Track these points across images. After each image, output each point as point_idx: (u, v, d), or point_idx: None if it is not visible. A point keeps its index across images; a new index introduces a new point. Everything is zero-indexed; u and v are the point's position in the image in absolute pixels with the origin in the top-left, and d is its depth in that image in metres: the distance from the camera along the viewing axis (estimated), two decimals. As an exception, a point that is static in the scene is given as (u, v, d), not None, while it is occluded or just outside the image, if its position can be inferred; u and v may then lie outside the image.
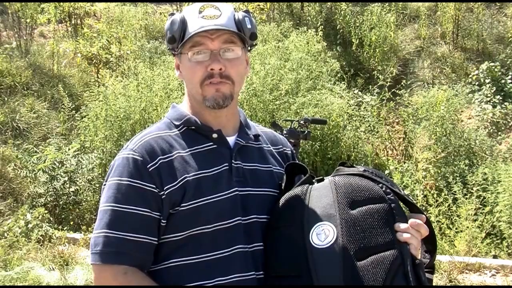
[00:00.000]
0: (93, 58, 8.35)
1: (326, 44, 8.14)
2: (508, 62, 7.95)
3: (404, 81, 7.52)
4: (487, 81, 7.56)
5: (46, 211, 5.75)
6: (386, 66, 8.24)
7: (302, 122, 4.44)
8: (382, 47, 8.33)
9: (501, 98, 7.40)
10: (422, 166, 5.90)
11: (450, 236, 5.00)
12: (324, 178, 1.35)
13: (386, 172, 6.02)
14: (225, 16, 1.37)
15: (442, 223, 5.01)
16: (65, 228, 5.76)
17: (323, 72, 7.02)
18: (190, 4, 1.50)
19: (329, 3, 9.58)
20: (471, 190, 5.14)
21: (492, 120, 7.18)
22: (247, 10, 1.44)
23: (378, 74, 7.46)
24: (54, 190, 6.16)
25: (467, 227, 4.86)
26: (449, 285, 4.37)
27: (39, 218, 5.54)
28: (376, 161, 6.64)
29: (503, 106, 7.31)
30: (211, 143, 1.40)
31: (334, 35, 9.04)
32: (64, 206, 6.18)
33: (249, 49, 1.45)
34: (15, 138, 7.18)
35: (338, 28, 8.93)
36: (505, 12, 9.08)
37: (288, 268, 1.27)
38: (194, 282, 1.30)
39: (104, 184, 1.36)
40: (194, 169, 1.34)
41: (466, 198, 5.07)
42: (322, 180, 1.35)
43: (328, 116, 6.17)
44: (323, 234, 1.24)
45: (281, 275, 1.29)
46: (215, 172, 1.36)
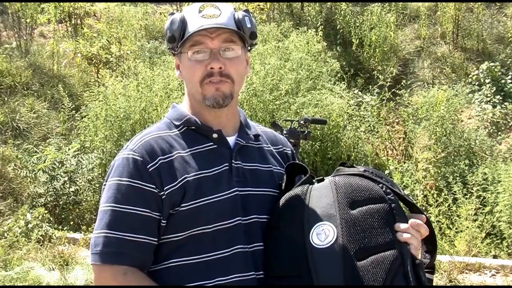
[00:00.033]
0: (93, 58, 8.35)
1: (326, 44, 8.14)
2: (508, 62, 7.95)
3: (404, 81, 7.52)
4: (487, 81, 7.56)
5: (46, 211, 5.75)
6: (386, 66, 8.24)
7: (302, 122, 4.44)
8: (382, 47, 8.33)
9: (501, 98, 7.40)
10: (422, 166, 5.89)
11: (450, 236, 5.00)
12: (324, 178, 1.35)
13: (386, 172, 6.02)
14: (225, 15, 1.37)
15: (442, 223, 5.01)
16: (65, 228, 5.76)
17: (323, 72, 7.02)
18: (190, 4, 1.50)
19: (329, 3, 9.58)
20: (471, 190, 5.14)
21: (492, 120, 7.18)
22: (247, 10, 1.44)
23: (378, 74, 7.46)
24: (54, 190, 6.16)
25: (467, 227, 4.86)
26: (449, 285, 4.37)
27: (39, 218, 5.54)
28: (376, 161, 6.63)
29: (503, 106, 7.31)
30: (211, 143, 1.40)
31: (334, 35, 9.04)
32: (64, 206, 6.18)
33: (249, 48, 1.45)
34: (15, 138, 7.17)
35: (338, 28, 8.93)
36: (505, 12, 9.07)
37: (288, 268, 1.27)
38: (194, 282, 1.30)
39: (104, 184, 1.36)
40: (194, 169, 1.34)
41: (466, 198, 5.07)
42: (322, 180, 1.34)
43: (328, 116, 6.17)
44: (323, 234, 1.24)
45: (281, 275, 1.29)
46: (215, 172, 1.36)
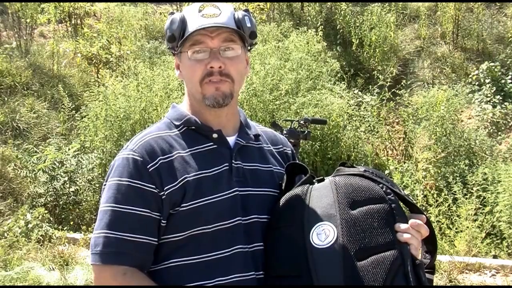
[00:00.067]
0: (93, 58, 8.35)
1: (326, 44, 8.14)
2: (508, 62, 7.95)
3: (404, 81, 7.52)
4: (487, 81, 7.56)
5: (46, 211, 5.75)
6: (386, 66, 8.24)
7: (302, 122, 4.44)
8: (382, 47, 8.33)
9: (501, 98, 7.40)
10: (422, 166, 5.89)
11: (450, 236, 5.00)
12: (324, 178, 1.35)
13: (386, 172, 6.02)
14: (224, 14, 1.37)
15: (442, 223, 5.01)
16: (65, 228, 5.76)
17: (323, 72, 7.01)
18: (190, 3, 1.50)
19: (329, 3, 9.58)
20: (471, 190, 5.14)
21: (492, 120, 7.18)
22: (247, 9, 1.43)
23: (378, 74, 7.46)
24: (54, 190, 6.16)
25: (467, 227, 4.86)
26: (449, 285, 4.37)
27: (39, 218, 5.54)
28: (376, 161, 6.63)
29: (503, 106, 7.30)
30: (211, 143, 1.40)
31: (334, 35, 9.03)
32: (64, 206, 6.18)
33: (249, 48, 1.45)
34: (15, 138, 7.17)
35: (338, 28, 8.93)
36: (505, 12, 9.07)
37: (288, 268, 1.27)
38: (194, 282, 1.30)
39: (104, 184, 1.36)
40: (194, 169, 1.34)
41: (466, 198, 5.07)
42: (323, 180, 1.34)
43: (328, 116, 6.16)
44: (324, 234, 1.24)
45: (281, 275, 1.29)
46: (215, 172, 1.35)
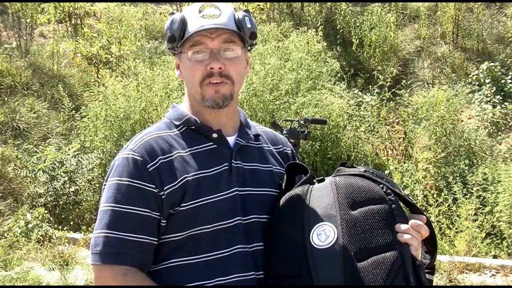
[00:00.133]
0: (93, 58, 8.35)
1: (326, 44, 8.13)
2: (508, 62, 7.95)
3: (404, 81, 7.52)
4: (487, 81, 7.55)
5: (46, 211, 5.75)
6: (386, 66, 8.23)
7: (302, 122, 4.43)
8: (382, 47, 8.32)
9: (501, 98, 7.40)
10: (422, 166, 5.89)
11: (450, 236, 4.99)
12: (324, 178, 1.35)
13: (386, 172, 6.02)
14: (225, 15, 1.37)
15: (442, 223, 5.01)
16: (65, 228, 5.76)
17: (323, 72, 7.01)
18: (190, 4, 1.49)
19: (329, 3, 9.57)
20: (471, 190, 5.13)
21: (492, 120, 7.18)
22: (247, 10, 1.43)
23: (378, 74, 7.46)
24: (54, 190, 6.16)
25: (467, 227, 4.86)
26: (449, 285, 4.37)
27: (39, 218, 5.54)
28: (376, 161, 6.63)
29: (503, 106, 7.30)
30: (211, 143, 1.40)
31: (334, 35, 9.03)
32: (64, 206, 6.18)
33: (249, 48, 1.45)
34: (15, 138, 7.17)
35: (338, 28, 8.93)
36: (505, 12, 9.07)
37: (288, 268, 1.27)
38: (194, 282, 1.30)
39: (104, 184, 1.36)
40: (194, 169, 1.34)
41: (466, 198, 5.07)
42: (323, 180, 1.34)
43: (328, 116, 6.16)
44: (324, 235, 1.24)
45: (281, 275, 1.29)
46: (215, 172, 1.35)
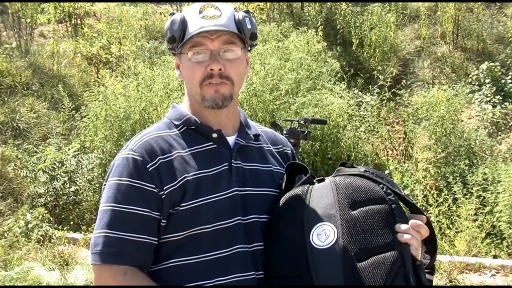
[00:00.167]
0: (93, 58, 8.35)
1: (326, 44, 8.13)
2: (508, 62, 7.95)
3: (404, 81, 7.51)
4: (487, 81, 7.55)
5: (46, 211, 5.75)
6: (386, 66, 8.23)
7: (302, 122, 4.43)
8: (382, 47, 8.32)
9: (501, 98, 7.40)
10: (422, 166, 5.89)
11: (450, 236, 4.99)
12: (324, 178, 1.35)
13: (386, 172, 6.02)
14: (225, 16, 1.37)
15: (442, 223, 5.01)
16: (65, 228, 5.76)
17: (323, 72, 7.01)
18: (190, 4, 1.49)
19: (329, 3, 9.57)
20: (471, 190, 5.13)
21: (492, 120, 7.18)
22: (247, 10, 1.44)
23: (378, 74, 7.46)
24: (54, 190, 6.16)
25: (467, 227, 4.86)
26: (449, 285, 4.37)
27: (39, 218, 5.54)
28: (376, 161, 6.63)
29: (503, 106, 7.30)
30: (211, 143, 1.40)
31: (334, 35, 9.03)
32: (64, 206, 6.18)
33: (249, 49, 1.45)
34: (15, 138, 7.17)
35: (338, 28, 8.93)
36: (505, 12, 9.07)
37: (288, 268, 1.27)
38: (194, 282, 1.30)
39: (104, 184, 1.36)
40: (194, 169, 1.34)
41: (466, 198, 5.07)
42: (323, 180, 1.34)
43: (328, 116, 6.16)
44: (324, 235, 1.24)
45: (281, 275, 1.29)
46: (215, 172, 1.36)
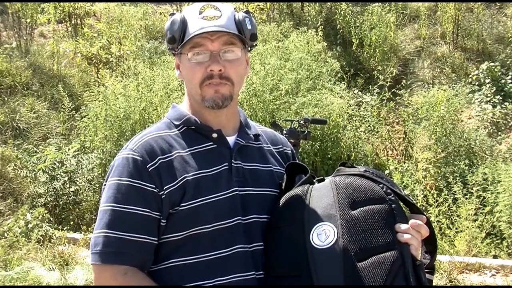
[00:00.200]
0: (93, 58, 8.35)
1: (326, 44, 8.13)
2: (508, 62, 7.95)
3: (404, 81, 7.51)
4: (487, 81, 7.55)
5: (46, 211, 5.75)
6: (386, 66, 8.23)
7: (302, 122, 4.43)
8: (382, 47, 8.32)
9: (501, 98, 7.40)
10: (422, 166, 5.89)
11: (450, 236, 5.00)
12: (324, 178, 1.35)
13: (386, 172, 6.02)
14: (225, 17, 1.37)
15: (442, 223, 5.01)
16: (65, 228, 5.76)
17: (323, 72, 7.01)
18: (190, 4, 1.49)
19: (329, 3, 9.57)
20: (471, 190, 5.13)
21: (492, 120, 7.18)
22: (247, 11, 1.44)
23: (378, 74, 7.46)
24: (54, 190, 6.16)
25: (467, 227, 4.86)
26: (449, 285, 4.37)
27: (39, 218, 5.54)
28: (376, 161, 6.63)
29: (503, 106, 7.30)
30: (211, 143, 1.40)
31: (334, 35, 9.03)
32: (64, 206, 6.18)
33: (249, 49, 1.45)
34: (15, 138, 7.17)
35: (338, 28, 8.93)
36: (505, 12, 9.07)
37: (288, 268, 1.27)
38: (194, 282, 1.30)
39: (104, 184, 1.36)
40: (193, 169, 1.34)
41: (466, 198, 5.07)
42: (323, 180, 1.34)
43: (328, 116, 6.16)
44: (324, 235, 1.24)
45: (281, 275, 1.29)
46: (215, 172, 1.36)
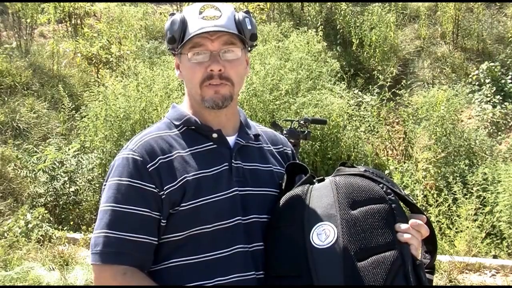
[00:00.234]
0: (93, 58, 8.35)
1: (326, 44, 8.13)
2: (508, 62, 7.95)
3: (404, 81, 7.51)
4: (487, 81, 7.56)
5: (46, 211, 5.75)
6: (386, 66, 8.23)
7: (302, 122, 4.43)
8: (382, 47, 8.32)
9: (501, 98, 7.40)
10: (422, 166, 5.89)
11: (450, 236, 5.00)
12: (324, 178, 1.35)
13: (386, 172, 6.02)
14: (225, 17, 1.37)
15: (442, 223, 5.01)
16: (65, 228, 5.76)
17: (323, 72, 7.01)
18: (190, 4, 1.49)
19: (329, 3, 9.57)
20: (471, 190, 5.14)
21: (492, 120, 7.18)
22: (247, 11, 1.43)
23: (378, 74, 7.46)
24: (54, 190, 6.16)
25: (467, 227, 4.86)
26: (449, 285, 4.37)
27: (39, 218, 5.54)
28: (376, 161, 6.63)
29: (503, 106, 7.30)
30: (211, 143, 1.40)
31: (334, 35, 9.03)
32: (64, 206, 6.18)
33: (249, 49, 1.45)
34: (15, 138, 7.17)
35: (338, 28, 8.93)
36: (505, 12, 9.07)
37: (288, 268, 1.27)
38: (194, 282, 1.30)
39: (104, 184, 1.37)
40: (194, 169, 1.34)
41: (466, 198, 5.07)
42: (323, 180, 1.34)
43: (328, 116, 6.16)
44: (324, 234, 1.24)
45: (281, 275, 1.29)
46: (215, 172, 1.36)
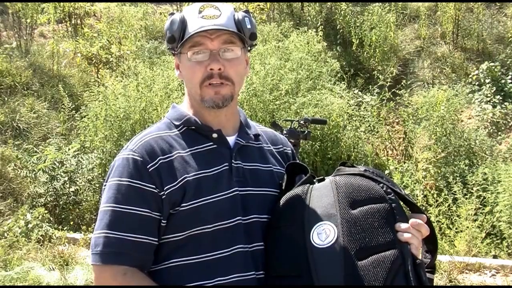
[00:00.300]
0: (93, 58, 8.35)
1: (326, 44, 8.13)
2: (508, 62, 7.95)
3: (404, 81, 7.52)
4: (487, 81, 7.56)
5: (46, 211, 5.75)
6: (386, 66, 8.24)
7: (302, 122, 4.43)
8: (382, 47, 8.32)
9: (501, 98, 7.40)
10: (422, 166, 5.89)
11: (450, 236, 5.00)
12: (325, 178, 1.35)
13: (386, 172, 6.02)
14: (225, 16, 1.37)
15: (442, 223, 5.01)
16: (65, 228, 5.76)
17: (323, 72, 7.01)
18: (190, 4, 1.49)
19: (329, 3, 9.57)
20: (471, 190, 5.14)
21: (492, 120, 7.18)
22: (247, 10, 1.43)
23: (378, 74, 7.46)
24: (54, 190, 6.16)
25: (467, 227, 4.86)
26: (449, 285, 4.37)
27: (39, 218, 5.54)
28: (376, 161, 6.63)
29: (503, 106, 7.30)
30: (211, 143, 1.40)
31: (334, 35, 9.04)
32: (64, 206, 6.18)
33: (249, 49, 1.45)
34: (15, 138, 7.17)
35: (338, 28, 8.93)
36: (505, 12, 9.07)
37: (288, 268, 1.27)
38: (194, 282, 1.30)
39: (104, 184, 1.37)
40: (194, 169, 1.34)
41: (466, 198, 5.07)
42: (323, 180, 1.34)
43: (328, 116, 6.16)
44: (324, 234, 1.24)
45: (281, 275, 1.29)
46: (215, 172, 1.36)
